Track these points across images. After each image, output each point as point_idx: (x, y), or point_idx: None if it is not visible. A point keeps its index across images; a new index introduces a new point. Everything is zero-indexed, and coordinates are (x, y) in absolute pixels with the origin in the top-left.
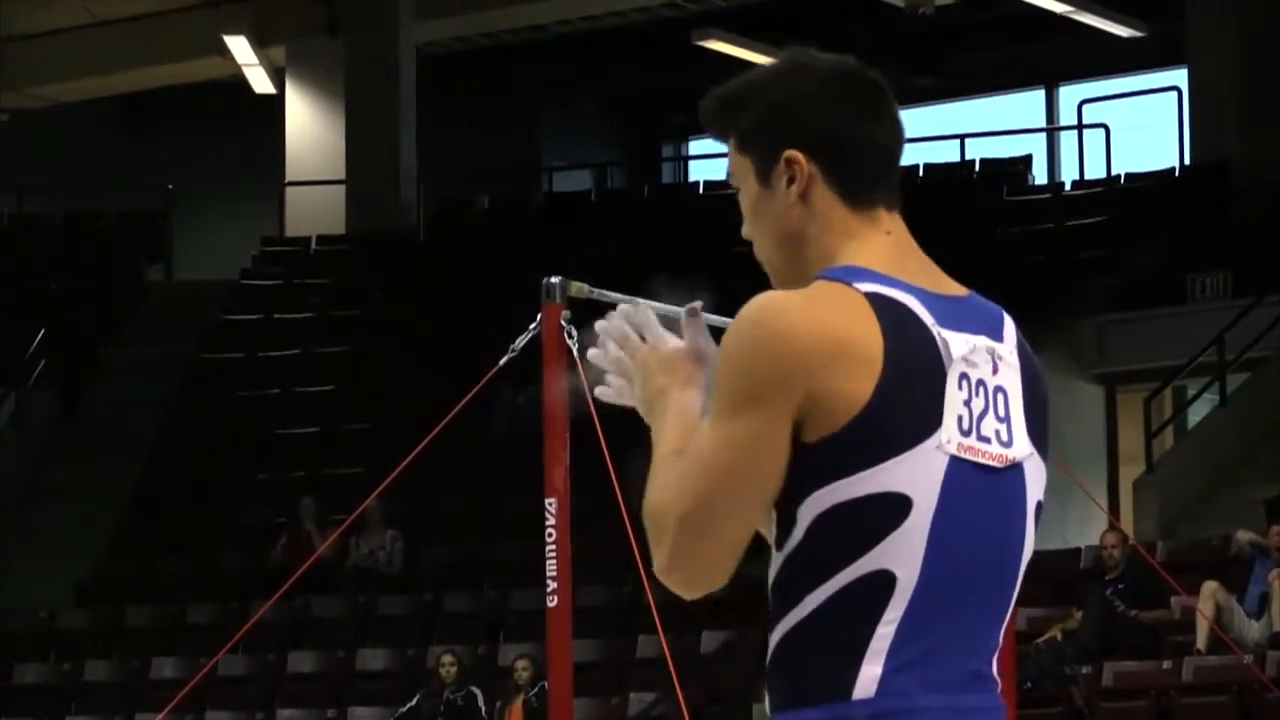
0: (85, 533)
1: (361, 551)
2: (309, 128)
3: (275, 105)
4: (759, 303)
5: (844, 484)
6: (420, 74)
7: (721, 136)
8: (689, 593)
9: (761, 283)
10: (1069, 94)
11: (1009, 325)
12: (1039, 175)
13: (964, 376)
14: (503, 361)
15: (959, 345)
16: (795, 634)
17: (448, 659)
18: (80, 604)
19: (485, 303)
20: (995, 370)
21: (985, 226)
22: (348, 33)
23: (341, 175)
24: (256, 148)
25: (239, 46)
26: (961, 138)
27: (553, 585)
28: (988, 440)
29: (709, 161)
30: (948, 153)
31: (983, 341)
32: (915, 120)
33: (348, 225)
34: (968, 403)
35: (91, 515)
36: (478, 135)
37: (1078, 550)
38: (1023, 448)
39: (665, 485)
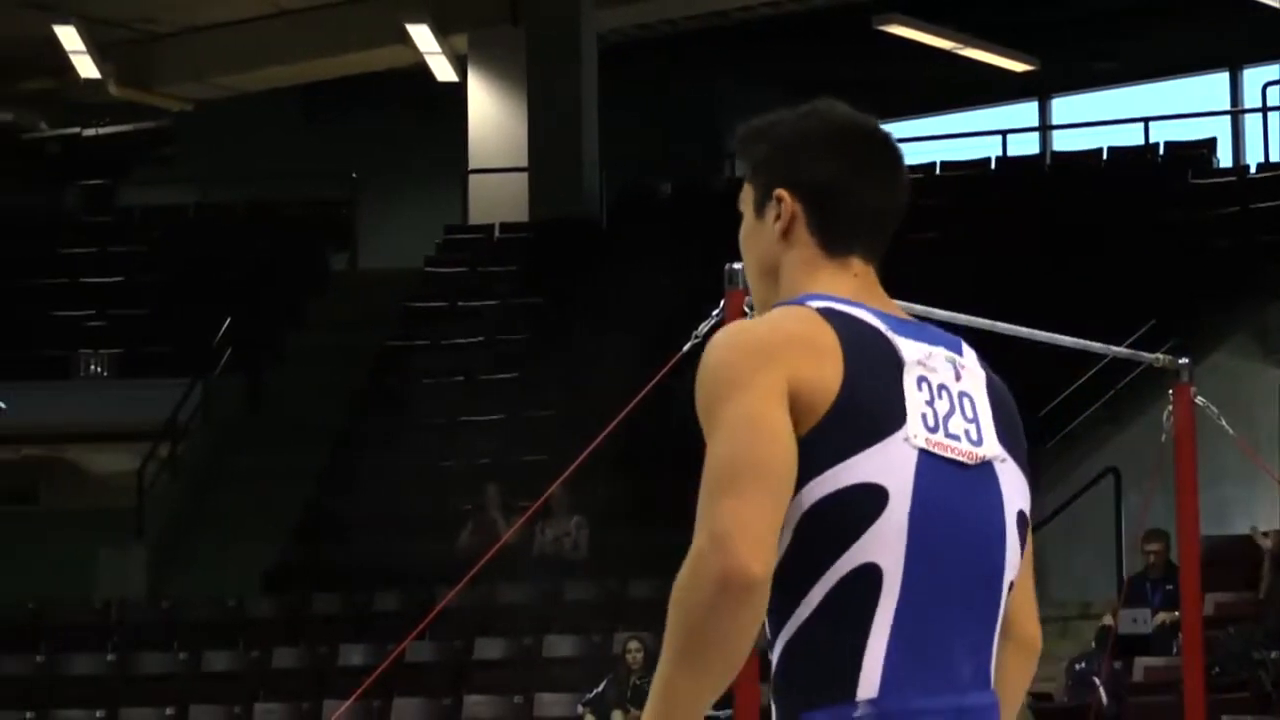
0: (271, 520)
1: (546, 538)
2: (491, 115)
3: (457, 93)
4: (715, 336)
5: (825, 477)
6: (602, 61)
7: (742, 163)
8: (734, 565)
9: (933, 269)
10: (1253, 76)
11: (966, 346)
12: (1223, 158)
13: (923, 379)
14: (686, 348)
15: (912, 350)
16: (795, 640)
17: (634, 645)
18: (267, 591)
19: (668, 290)
20: (958, 377)
21: (1169, 210)
22: (530, 20)
23: (524, 163)
24: (439, 136)
25: (421, 35)
26: (1145, 121)
27: None
28: (956, 438)
29: None
30: (1132, 136)
31: (941, 351)
32: (1098, 104)
33: (531, 213)
34: (930, 403)
35: (277, 503)
36: (659, 122)
37: (1266, 534)
38: (993, 448)
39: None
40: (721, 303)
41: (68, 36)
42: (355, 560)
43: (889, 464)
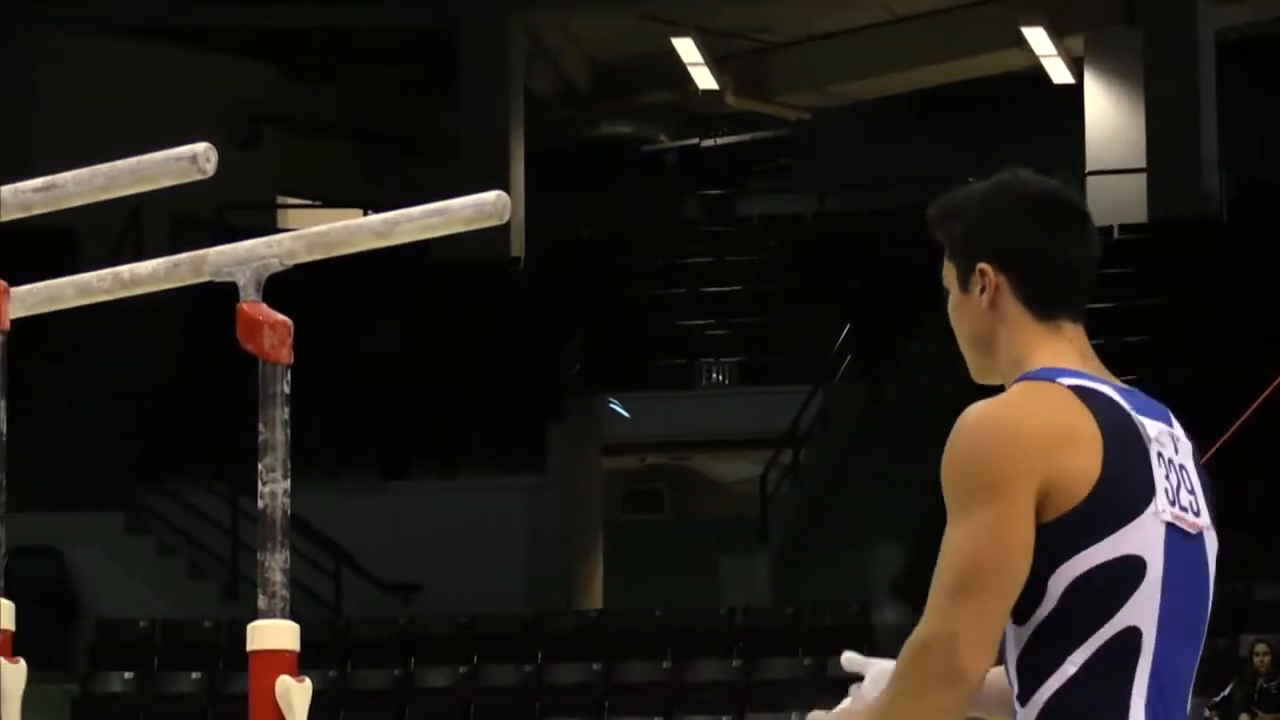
0: (894, 526)
1: None
2: (1108, 117)
3: (1073, 95)
4: (974, 410)
5: (1090, 552)
6: (1218, 58)
7: (939, 242)
8: (957, 666)
9: None
10: None
11: (1171, 415)
12: None
13: (1160, 454)
14: None
15: (1151, 428)
16: (1059, 699)
17: (1261, 648)
18: (894, 597)
19: None
20: (1176, 450)
21: None
22: (1147, 20)
23: (1141, 163)
24: (1054, 139)
25: (1037, 38)
26: None
27: None
28: (1186, 510)
29: None
30: None
31: (1163, 426)
32: None
33: (1149, 213)
34: (1167, 477)
35: (899, 509)
36: (1277, 118)
37: None
38: (1206, 518)
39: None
40: None
41: (686, 49)
42: None
43: (1145, 537)
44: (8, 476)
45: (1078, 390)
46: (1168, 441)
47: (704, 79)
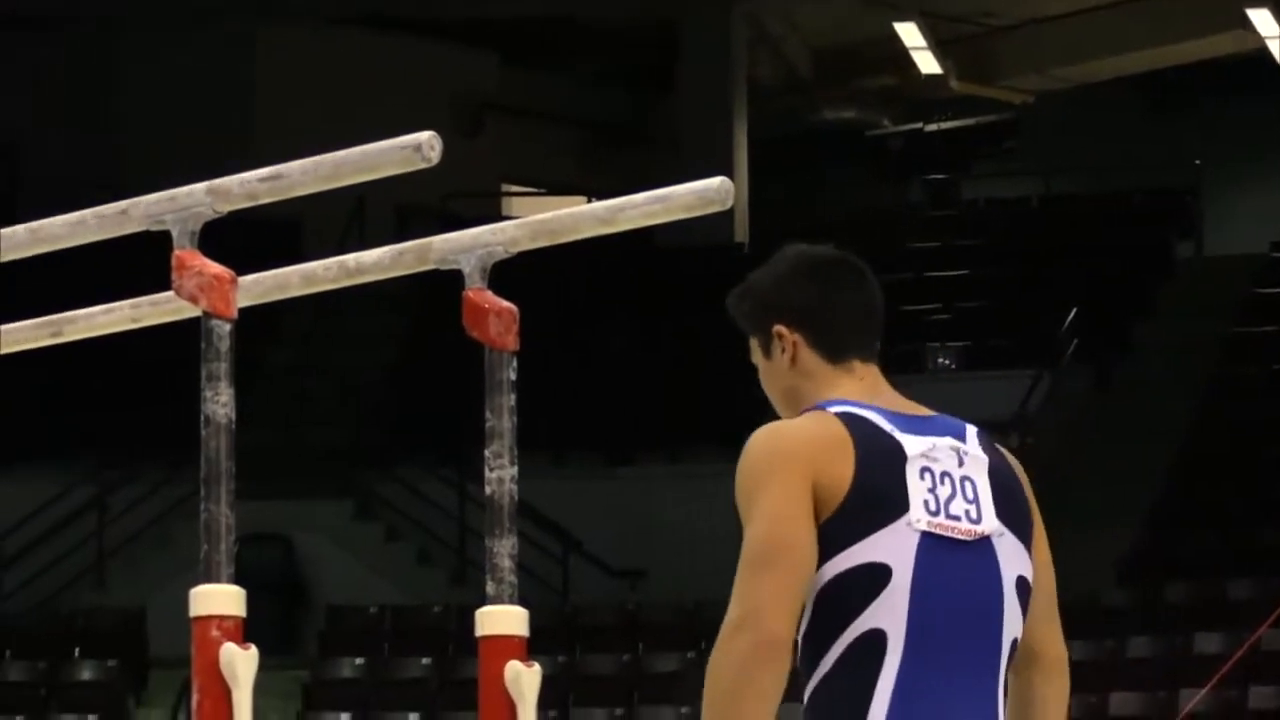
0: (1122, 510)
1: None
2: None
3: None
4: (755, 433)
5: (839, 558)
6: None
7: (741, 324)
8: (767, 634)
9: None
10: None
11: (972, 431)
12: None
13: (925, 470)
14: None
15: (915, 445)
16: (815, 694)
17: None
18: (1120, 581)
19: None
20: (961, 464)
21: None
22: None
23: None
24: None
25: (1262, 19)
26: None
27: None
28: (957, 518)
29: None
30: None
31: (946, 441)
32: None
33: None
34: (933, 490)
35: (1128, 493)
36: None
37: None
38: (991, 524)
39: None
40: None
41: (908, 33)
42: (1208, 549)
43: (893, 546)
44: (237, 465)
45: (841, 415)
46: (946, 455)
47: (927, 63)
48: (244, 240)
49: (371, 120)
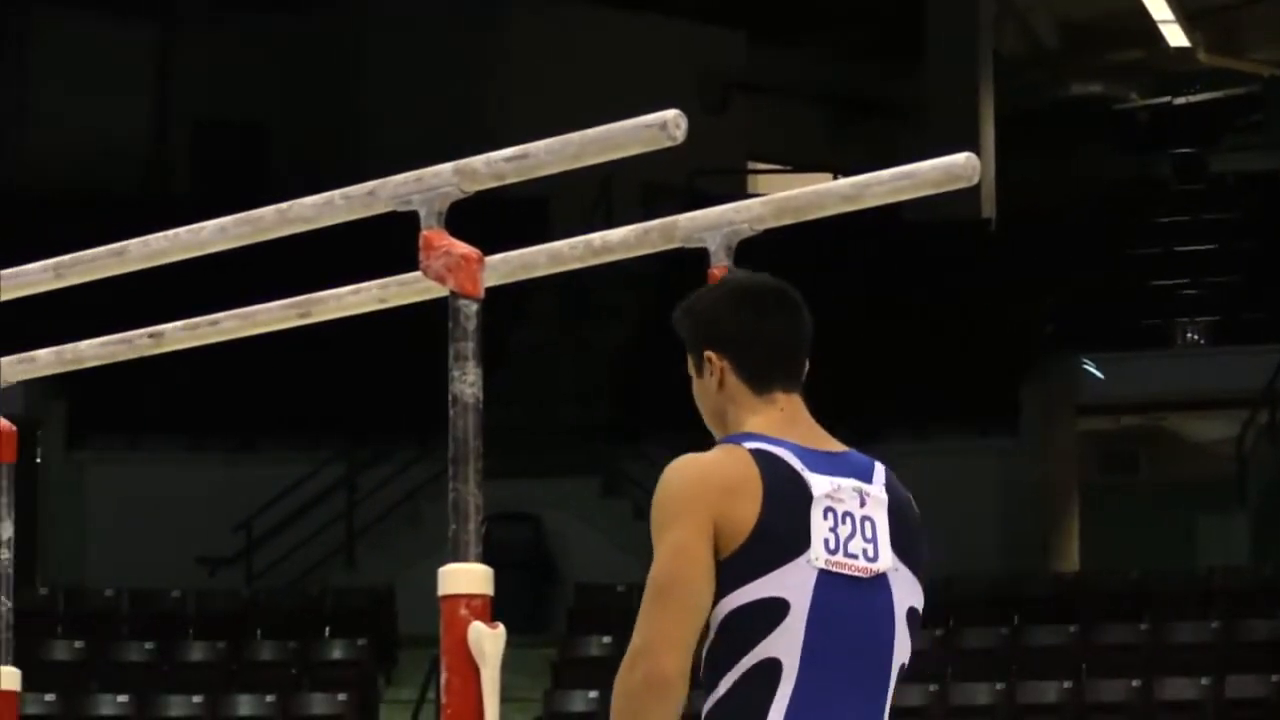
0: None
1: None
2: None
3: None
4: (672, 462)
5: (741, 591)
6: None
7: (682, 338)
8: (658, 669)
9: None
10: None
11: (879, 470)
12: None
13: (829, 510)
14: None
15: (822, 485)
16: (712, 713)
17: None
18: None
19: None
20: (863, 504)
21: None
22: None
23: None
24: None
25: None
26: None
27: None
28: (854, 556)
29: None
30: None
31: (849, 482)
32: None
33: None
34: (834, 529)
35: None
36: None
37: None
38: (887, 562)
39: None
40: None
41: (1156, 6)
42: None
43: (792, 582)
44: (485, 444)
45: (754, 452)
46: (849, 496)
47: (1175, 36)
48: (490, 219)
49: (617, 99)
